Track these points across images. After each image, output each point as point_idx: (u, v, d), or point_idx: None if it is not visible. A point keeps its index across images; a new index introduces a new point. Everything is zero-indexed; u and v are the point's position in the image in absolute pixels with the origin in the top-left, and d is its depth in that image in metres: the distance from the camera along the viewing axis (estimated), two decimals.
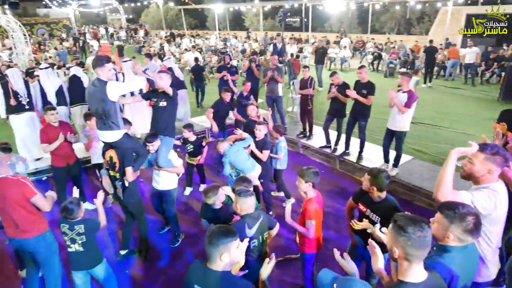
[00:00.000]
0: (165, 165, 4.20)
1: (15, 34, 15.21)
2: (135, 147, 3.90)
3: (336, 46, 18.31)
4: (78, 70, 6.85)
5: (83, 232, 3.07)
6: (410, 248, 1.63)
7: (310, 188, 3.09)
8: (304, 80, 7.17)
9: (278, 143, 5.12)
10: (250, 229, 2.72)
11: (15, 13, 22.35)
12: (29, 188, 3.08)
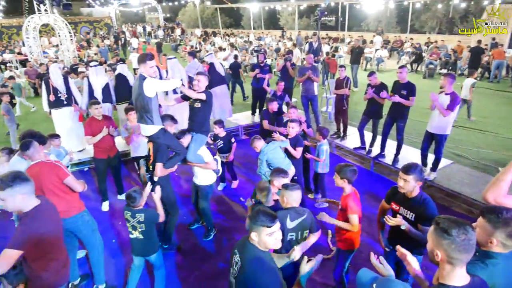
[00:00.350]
0: (194, 160, 4.31)
1: (61, 32, 16.09)
2: (172, 145, 4.02)
3: (372, 45, 17.87)
4: (124, 68, 7.04)
5: (143, 221, 3.28)
6: (454, 252, 1.58)
7: (346, 184, 3.18)
8: (340, 80, 7.07)
9: (321, 145, 5.05)
10: (291, 221, 2.77)
11: (61, 12, 23.58)
12: (62, 170, 3.24)
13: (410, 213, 2.91)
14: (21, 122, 7.90)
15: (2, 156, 4.63)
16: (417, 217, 2.85)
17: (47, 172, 3.18)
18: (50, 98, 6.41)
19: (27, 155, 3.27)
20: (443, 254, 1.62)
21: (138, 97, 3.72)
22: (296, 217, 2.80)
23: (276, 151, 4.34)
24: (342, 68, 7.20)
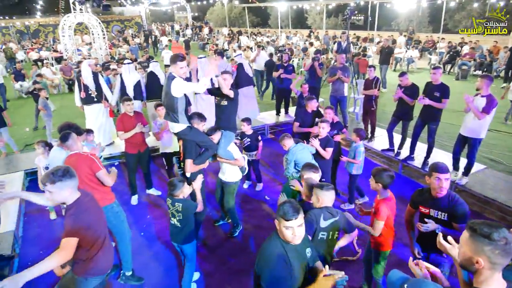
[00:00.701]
0: (224, 155, 4.39)
1: (94, 31, 16.65)
2: (201, 141, 4.09)
3: (402, 45, 17.41)
4: (156, 67, 7.18)
5: (181, 210, 3.41)
6: (497, 257, 1.50)
7: (380, 189, 3.13)
8: (369, 80, 6.94)
9: (357, 147, 4.94)
10: (325, 220, 2.78)
11: (94, 11, 24.39)
12: (95, 163, 3.35)
13: (442, 213, 2.86)
14: (54, 117, 8.24)
15: (38, 149, 4.87)
16: (450, 217, 2.81)
17: (82, 163, 3.31)
18: (81, 95, 6.65)
19: (66, 146, 3.44)
20: (486, 261, 1.53)
21: (166, 95, 3.85)
22: (329, 217, 2.80)
23: (304, 151, 4.32)
24: (371, 68, 7.06)
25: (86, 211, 2.43)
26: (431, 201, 2.93)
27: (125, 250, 3.82)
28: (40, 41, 26.35)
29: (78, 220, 2.36)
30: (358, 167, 5.02)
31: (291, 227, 2.06)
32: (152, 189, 5.82)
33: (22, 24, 29.99)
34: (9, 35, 28.72)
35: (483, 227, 1.54)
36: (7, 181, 5.66)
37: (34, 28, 30.01)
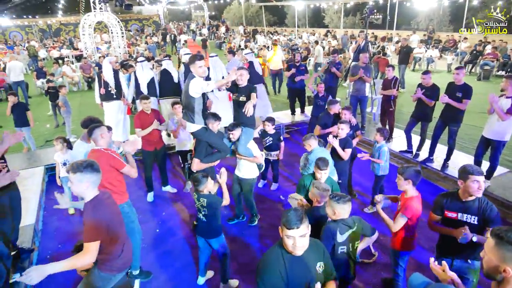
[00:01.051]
0: (244, 152, 4.44)
1: (113, 29, 16.94)
2: (214, 142, 4.13)
3: (422, 45, 17.05)
4: (169, 65, 7.25)
5: (205, 206, 3.44)
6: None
7: (409, 186, 3.10)
8: (388, 80, 6.81)
9: (381, 147, 4.80)
10: (341, 235, 2.72)
11: (113, 10, 24.82)
12: (118, 161, 3.34)
13: (473, 216, 2.78)
14: (74, 114, 8.41)
15: (57, 145, 4.98)
16: (481, 220, 2.74)
17: (103, 161, 3.25)
18: (101, 91, 6.76)
19: (92, 139, 3.45)
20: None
21: (185, 94, 3.92)
22: (346, 229, 2.75)
23: (325, 153, 4.29)
24: (389, 68, 6.92)
25: (105, 209, 2.44)
26: (460, 205, 2.84)
27: (134, 249, 3.83)
28: (61, 39, 26.97)
29: (97, 218, 2.37)
30: (384, 168, 4.88)
31: (293, 237, 1.95)
32: (168, 186, 5.87)
33: (44, 23, 30.77)
34: (32, 33, 29.51)
35: (511, 234, 1.47)
36: (28, 176, 5.83)
37: (55, 27, 30.74)
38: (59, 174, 5.10)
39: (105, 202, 2.49)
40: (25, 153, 6.98)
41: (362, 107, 7.61)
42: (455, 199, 2.88)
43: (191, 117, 3.94)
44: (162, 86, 7.14)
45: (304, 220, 1.97)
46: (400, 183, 3.12)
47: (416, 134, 6.31)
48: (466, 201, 2.80)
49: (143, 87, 6.93)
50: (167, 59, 7.63)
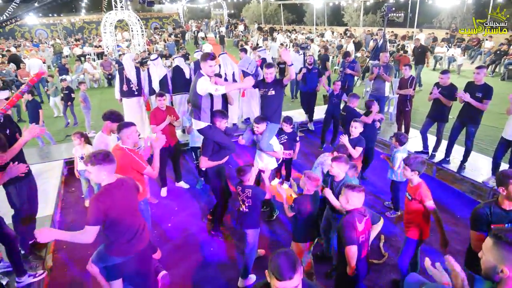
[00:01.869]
0: (266, 148, 4.56)
1: (134, 27, 17.27)
2: (220, 141, 4.16)
3: (444, 44, 16.61)
4: (181, 62, 7.35)
5: (251, 196, 3.53)
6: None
7: (416, 176, 3.24)
8: (404, 79, 6.70)
9: (396, 152, 4.65)
10: (360, 223, 2.74)
11: (134, 8, 25.28)
12: (139, 164, 3.37)
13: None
14: (94, 111, 8.63)
15: (75, 140, 5.14)
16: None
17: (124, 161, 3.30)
18: (124, 88, 6.91)
19: (119, 136, 3.50)
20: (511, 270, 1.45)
21: (192, 92, 4.00)
22: (362, 218, 2.77)
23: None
24: (406, 67, 6.79)
25: (107, 197, 2.52)
26: (505, 214, 2.59)
27: None
28: (84, 37, 27.70)
29: (97, 204, 2.47)
30: (396, 174, 4.68)
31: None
32: (181, 182, 5.97)
33: (68, 21, 31.65)
34: (56, 31, 30.42)
35: (509, 235, 1.45)
36: (47, 169, 6.04)
37: (79, 25, 31.58)
38: (77, 168, 5.27)
39: (112, 191, 2.56)
40: (45, 147, 7.23)
41: (380, 106, 7.49)
42: (498, 209, 2.62)
43: (197, 114, 4.01)
44: (175, 82, 7.24)
45: (298, 267, 1.69)
46: (406, 173, 3.25)
47: (432, 135, 6.20)
48: (508, 210, 2.59)
49: (155, 84, 7.06)
50: (178, 56, 7.73)
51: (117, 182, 2.65)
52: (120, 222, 2.62)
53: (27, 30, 29.65)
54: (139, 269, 2.79)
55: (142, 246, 2.79)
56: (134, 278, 2.82)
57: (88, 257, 4.09)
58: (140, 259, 2.78)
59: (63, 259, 4.26)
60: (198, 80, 3.83)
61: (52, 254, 4.29)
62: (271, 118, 4.58)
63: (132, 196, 2.77)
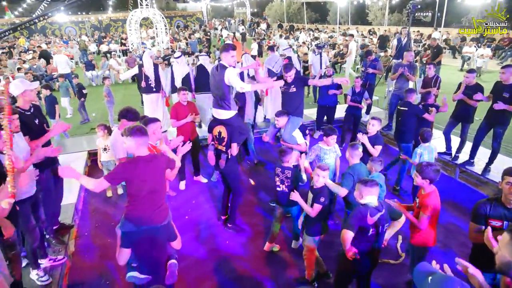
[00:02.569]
0: (288, 140, 4.67)
1: (158, 25, 17.59)
2: (242, 127, 4.40)
3: (472, 43, 16.08)
4: (206, 60, 7.39)
5: (290, 177, 3.81)
6: None
7: (426, 184, 3.10)
8: (428, 78, 6.55)
9: (417, 149, 4.61)
10: (372, 217, 2.75)
11: (159, 7, 25.77)
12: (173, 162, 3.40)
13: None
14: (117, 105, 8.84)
15: (99, 132, 5.33)
16: None
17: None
18: (142, 84, 7.09)
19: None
20: None
21: (218, 84, 4.06)
22: (375, 212, 2.75)
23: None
24: (430, 65, 6.63)
25: (135, 167, 2.71)
26: (505, 211, 2.60)
27: None
28: (110, 35, 28.43)
29: (120, 170, 2.76)
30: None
31: None
32: (199, 176, 6.05)
33: (96, 19, 32.56)
34: (84, 29, 31.36)
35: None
36: (72, 159, 6.26)
37: (106, 22, 32.43)
38: (100, 159, 5.44)
39: (139, 163, 2.72)
40: (71, 139, 7.50)
41: None
42: (498, 205, 2.63)
43: (227, 104, 4.12)
44: (198, 81, 7.28)
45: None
46: (418, 180, 3.12)
47: (455, 136, 6.03)
48: (509, 208, 2.58)
49: (177, 82, 7.16)
50: (202, 54, 7.80)
51: (148, 157, 2.78)
52: (138, 192, 2.75)
53: (57, 28, 30.70)
54: (148, 247, 2.85)
55: (155, 223, 2.83)
56: (142, 254, 2.88)
57: (108, 244, 4.29)
58: (151, 237, 2.83)
59: (84, 245, 4.42)
60: (225, 72, 3.93)
61: (74, 240, 4.45)
62: (292, 113, 4.72)
63: (157, 173, 2.83)
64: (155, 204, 2.83)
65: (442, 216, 4.79)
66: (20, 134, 3.25)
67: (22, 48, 20.28)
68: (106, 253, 4.23)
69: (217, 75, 4.06)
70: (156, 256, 2.92)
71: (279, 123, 4.63)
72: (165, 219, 2.92)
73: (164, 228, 2.91)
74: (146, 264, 2.90)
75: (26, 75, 9.98)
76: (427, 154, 4.55)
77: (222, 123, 4.27)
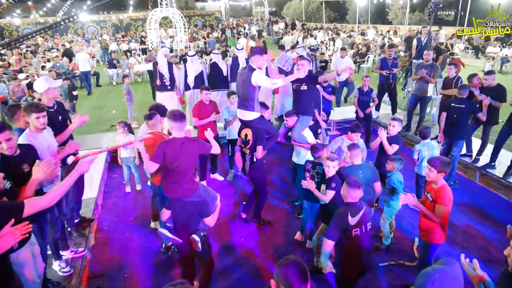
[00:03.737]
0: (298, 139, 4.64)
1: (177, 24, 17.82)
2: (269, 129, 4.38)
3: (497, 43, 15.59)
4: (219, 59, 7.44)
5: (320, 173, 3.87)
6: None
7: (440, 178, 3.10)
8: (449, 79, 6.40)
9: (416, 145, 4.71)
10: (353, 217, 2.83)
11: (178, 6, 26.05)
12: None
13: None
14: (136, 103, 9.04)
15: (119, 129, 5.46)
16: None
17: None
18: (157, 82, 7.24)
19: (149, 124, 3.84)
20: None
21: (243, 85, 4.12)
22: (356, 212, 2.84)
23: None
24: (451, 66, 6.48)
25: (169, 146, 3.11)
26: None
27: None
28: (130, 34, 28.97)
29: (160, 146, 3.13)
30: (420, 167, 4.71)
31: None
32: (216, 174, 6.13)
33: (117, 19, 33.22)
34: (106, 28, 32.06)
35: None
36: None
37: (126, 22, 33.05)
38: (120, 155, 5.58)
39: (172, 143, 3.13)
40: (91, 136, 7.71)
41: (422, 107, 7.20)
42: None
43: (251, 105, 4.15)
44: (212, 79, 7.34)
45: (308, 275, 1.62)
46: (431, 174, 3.10)
47: (477, 138, 5.90)
48: None
49: (190, 80, 7.18)
50: (215, 53, 7.83)
51: (182, 139, 3.13)
52: (168, 167, 3.14)
53: (79, 27, 31.50)
54: (178, 215, 3.22)
55: (180, 196, 3.19)
56: (174, 218, 3.27)
57: (126, 239, 4.41)
58: (179, 207, 3.20)
59: (104, 239, 4.56)
60: (253, 73, 3.97)
61: (94, 234, 4.60)
62: (303, 112, 4.67)
63: (187, 154, 3.13)
64: (179, 180, 3.15)
65: (461, 219, 4.76)
66: (48, 129, 3.41)
67: (46, 47, 20.90)
68: (125, 247, 4.36)
69: (244, 75, 4.10)
70: (183, 225, 3.21)
71: (289, 123, 4.63)
72: (189, 196, 3.20)
73: (192, 204, 3.19)
74: (176, 227, 3.26)
75: (50, 73, 10.28)
76: (427, 150, 4.62)
77: (248, 126, 4.30)
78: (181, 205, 3.19)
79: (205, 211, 3.22)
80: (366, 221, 2.90)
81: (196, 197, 3.22)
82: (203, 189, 3.41)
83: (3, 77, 11.34)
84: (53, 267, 3.61)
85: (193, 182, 3.24)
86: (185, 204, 3.18)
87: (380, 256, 4.16)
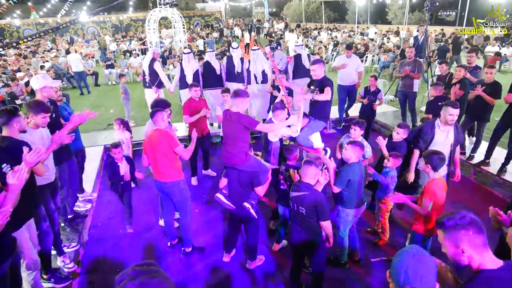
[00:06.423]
0: (303, 143, 4.59)
1: (176, 25, 17.84)
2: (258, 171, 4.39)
3: (496, 43, 15.60)
4: (212, 57, 7.42)
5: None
6: None
7: (429, 170, 3.19)
8: (442, 76, 6.41)
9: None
10: (293, 192, 3.12)
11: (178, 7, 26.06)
12: (174, 140, 3.70)
13: None
14: (134, 102, 9.07)
15: (115, 125, 5.47)
16: None
17: (162, 138, 3.66)
18: (139, 78, 7.36)
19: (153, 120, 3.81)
20: None
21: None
22: (296, 189, 3.11)
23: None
24: (442, 64, 6.49)
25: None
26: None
27: (186, 226, 4.02)
28: (130, 34, 29.04)
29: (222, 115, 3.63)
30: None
31: None
32: (208, 170, 6.14)
33: (117, 19, 33.31)
34: (106, 29, 32.15)
35: None
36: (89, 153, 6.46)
37: (126, 22, 33.14)
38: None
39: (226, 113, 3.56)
40: (89, 134, 7.74)
41: (410, 104, 7.23)
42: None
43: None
44: (205, 78, 7.35)
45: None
46: (422, 165, 3.30)
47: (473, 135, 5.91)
48: None
49: (188, 78, 7.13)
50: (209, 51, 7.84)
51: (234, 113, 3.46)
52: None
53: (79, 28, 31.60)
54: (232, 183, 3.66)
55: (230, 164, 3.60)
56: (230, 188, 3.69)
57: (120, 235, 4.43)
58: (234, 176, 3.63)
59: (97, 235, 4.58)
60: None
61: (88, 230, 4.61)
62: (316, 116, 4.60)
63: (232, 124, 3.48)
64: (227, 148, 3.57)
65: None
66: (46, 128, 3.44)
67: (46, 47, 20.97)
68: (118, 243, 4.37)
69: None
70: (237, 192, 3.60)
71: (279, 117, 4.39)
72: (241, 165, 3.53)
73: (245, 174, 3.56)
74: (230, 195, 3.64)
75: (48, 72, 10.33)
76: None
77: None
78: (236, 174, 3.57)
79: (256, 181, 3.55)
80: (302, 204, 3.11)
81: (248, 167, 3.53)
82: (256, 162, 3.69)
83: (1, 77, 11.40)
84: (58, 263, 3.65)
85: (246, 154, 3.53)
86: (239, 173, 3.54)
87: (374, 251, 4.17)
